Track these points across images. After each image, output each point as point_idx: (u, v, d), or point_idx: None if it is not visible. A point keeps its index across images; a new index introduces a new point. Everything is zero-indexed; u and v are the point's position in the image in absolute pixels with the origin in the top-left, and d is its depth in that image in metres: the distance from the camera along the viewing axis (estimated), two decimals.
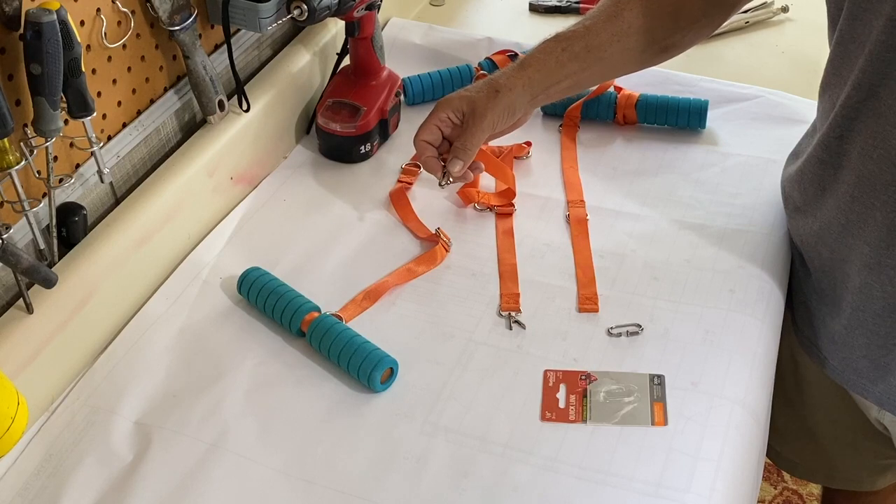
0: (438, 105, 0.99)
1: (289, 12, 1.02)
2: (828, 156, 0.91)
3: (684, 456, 0.82)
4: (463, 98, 0.98)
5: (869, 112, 0.84)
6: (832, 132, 0.89)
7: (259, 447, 0.84)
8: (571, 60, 0.98)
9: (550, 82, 0.99)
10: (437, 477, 0.81)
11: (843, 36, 0.86)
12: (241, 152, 1.09)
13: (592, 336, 0.93)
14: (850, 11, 0.83)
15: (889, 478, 1.16)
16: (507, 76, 0.98)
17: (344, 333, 0.90)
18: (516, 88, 0.98)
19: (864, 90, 0.84)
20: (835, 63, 0.89)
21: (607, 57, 1.00)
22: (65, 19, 0.79)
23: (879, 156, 0.84)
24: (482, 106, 0.97)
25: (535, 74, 0.98)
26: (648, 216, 1.07)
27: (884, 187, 0.85)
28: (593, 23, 0.99)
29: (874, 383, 0.95)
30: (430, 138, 0.99)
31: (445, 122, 0.99)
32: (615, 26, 0.98)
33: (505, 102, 0.97)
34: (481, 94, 0.97)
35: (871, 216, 0.87)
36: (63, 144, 0.89)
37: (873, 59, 0.82)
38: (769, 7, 1.44)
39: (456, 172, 0.98)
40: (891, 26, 0.79)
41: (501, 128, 1.00)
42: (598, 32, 0.98)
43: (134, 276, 0.96)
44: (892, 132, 0.82)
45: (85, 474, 0.82)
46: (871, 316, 0.91)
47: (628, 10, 0.98)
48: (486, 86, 0.98)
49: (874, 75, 0.82)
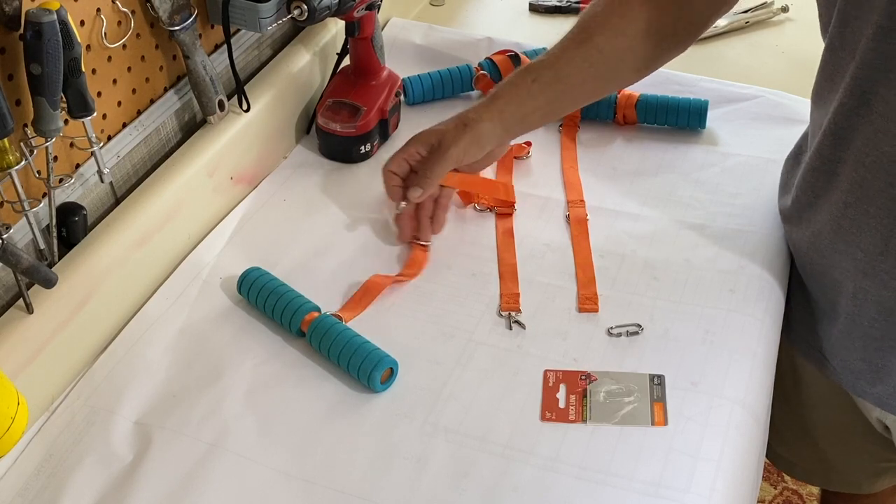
0: (410, 140, 1.01)
1: (289, 12, 1.02)
2: (821, 163, 0.91)
3: (684, 456, 0.82)
4: (433, 132, 1.00)
5: (861, 119, 0.84)
6: (825, 140, 0.89)
7: (259, 447, 0.84)
8: (542, 90, 0.99)
9: (523, 113, 1.00)
10: (437, 477, 0.81)
11: (833, 43, 0.86)
12: (241, 152, 1.09)
13: (592, 336, 0.93)
14: (840, 19, 0.83)
15: (887, 480, 1.15)
16: (476, 110, 1.00)
17: (344, 333, 0.90)
18: (484, 121, 0.98)
19: (856, 97, 0.84)
20: (826, 70, 0.89)
21: (579, 83, 1.00)
22: (65, 19, 0.79)
23: (871, 162, 0.84)
24: (449, 138, 0.98)
25: (506, 107, 0.99)
26: (648, 216, 1.07)
27: (876, 193, 0.85)
28: (562, 51, 0.99)
29: (872, 385, 0.95)
30: (398, 170, 1.01)
31: (413, 156, 1.00)
32: (585, 52, 0.98)
33: (472, 135, 0.98)
34: (450, 126, 0.99)
35: (864, 222, 0.87)
36: (63, 144, 0.89)
37: (864, 67, 0.82)
38: (769, 7, 1.44)
39: (415, 199, 1.00)
40: (880, 33, 0.79)
41: (470, 160, 1.01)
42: (569, 60, 0.98)
43: (134, 276, 0.96)
44: (884, 139, 0.82)
45: (85, 474, 0.82)
46: (867, 320, 0.91)
47: (598, 34, 0.97)
48: (456, 119, 1.00)
49: (865, 82, 0.82)
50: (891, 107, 0.81)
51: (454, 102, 1.25)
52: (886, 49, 0.79)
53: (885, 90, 0.81)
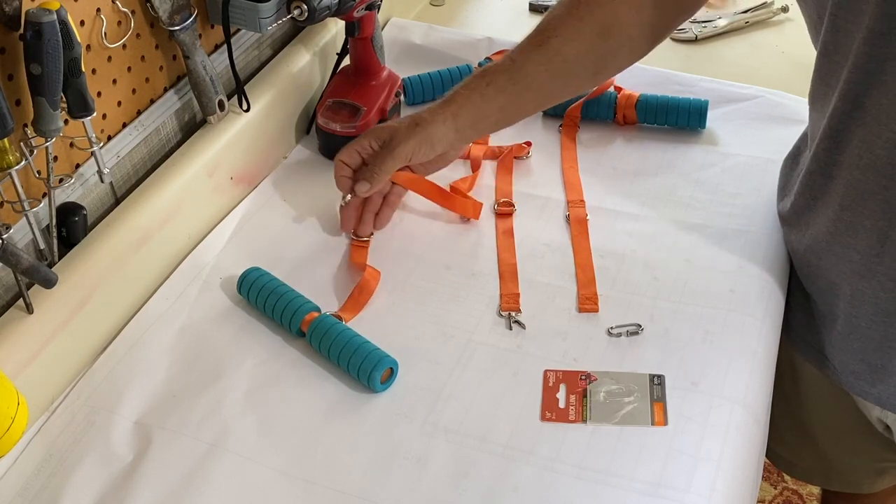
0: (364, 132, 1.02)
1: (289, 12, 1.02)
2: (818, 167, 0.91)
3: (684, 456, 0.82)
4: (385, 128, 1.01)
5: (856, 122, 0.84)
6: (822, 144, 0.89)
7: (259, 447, 0.84)
8: (497, 94, 0.98)
9: (477, 117, 0.99)
10: (437, 477, 0.81)
11: (826, 48, 0.86)
12: (241, 152, 1.09)
13: (592, 336, 0.93)
14: (832, 23, 0.83)
15: (887, 480, 1.15)
16: (431, 111, 0.99)
17: (344, 333, 0.90)
18: (437, 122, 0.98)
19: (850, 101, 0.84)
20: (820, 75, 0.89)
21: (536, 87, 0.99)
22: (65, 19, 0.79)
23: (866, 164, 0.84)
24: (400, 136, 0.98)
25: (459, 110, 0.99)
26: (648, 216, 1.07)
27: (871, 195, 0.85)
28: (519, 54, 0.98)
29: (872, 385, 0.95)
30: (349, 161, 1.01)
31: (366, 149, 1.00)
32: (542, 55, 0.97)
33: (423, 135, 0.98)
34: (402, 125, 0.99)
35: (860, 224, 0.87)
36: (63, 144, 0.89)
37: (857, 71, 0.82)
38: (769, 7, 1.44)
39: (362, 193, 1.00)
40: (872, 37, 0.79)
41: (421, 159, 1.00)
42: (524, 63, 0.98)
43: (134, 276, 0.96)
44: (877, 141, 0.82)
45: (85, 474, 0.82)
46: (865, 321, 0.91)
47: (555, 37, 0.97)
48: (410, 118, 1.00)
49: (859, 86, 0.82)
50: (883, 110, 0.81)
51: None
52: (878, 53, 0.79)
53: (878, 93, 0.81)
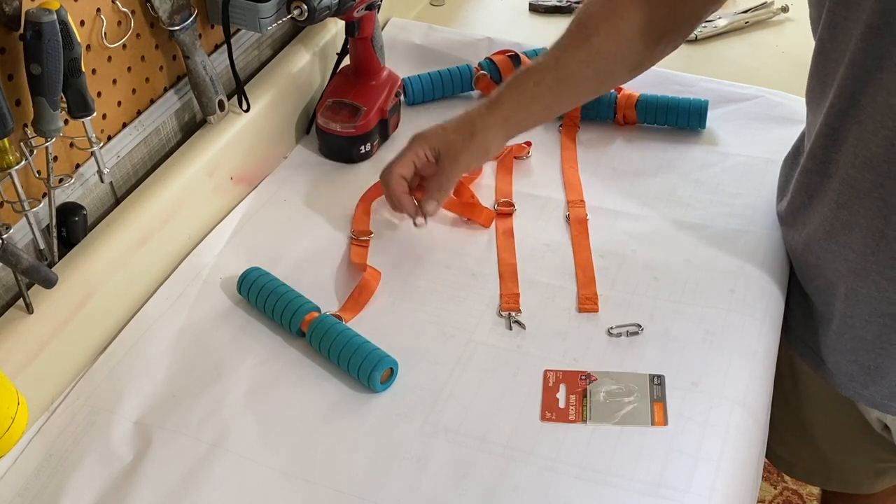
0: (415, 140, 0.98)
1: (289, 12, 1.02)
2: (814, 165, 0.91)
3: (684, 456, 0.82)
4: (439, 136, 0.98)
5: (851, 120, 0.84)
6: (818, 142, 0.89)
7: (259, 447, 0.84)
8: (544, 93, 0.98)
9: (524, 117, 1.00)
10: (437, 477, 0.81)
11: (823, 45, 0.86)
12: (241, 152, 1.09)
13: (592, 336, 0.93)
14: (829, 20, 0.83)
15: (887, 481, 1.15)
16: (482, 116, 0.98)
17: (344, 333, 0.90)
18: (491, 129, 0.98)
19: (846, 98, 0.84)
20: (817, 73, 0.89)
21: (580, 83, 1.00)
22: (65, 19, 0.79)
23: (861, 163, 0.84)
24: (457, 148, 0.97)
25: (510, 113, 0.98)
26: (648, 216, 1.07)
27: (866, 193, 0.85)
28: (562, 52, 0.98)
29: (865, 386, 0.95)
30: (407, 173, 0.98)
31: (421, 159, 0.98)
32: (584, 53, 0.97)
33: (480, 144, 0.98)
34: (458, 135, 0.97)
35: (855, 223, 0.87)
36: (63, 144, 0.89)
37: (854, 67, 0.82)
38: (769, 7, 1.44)
39: (431, 212, 0.98)
40: (869, 33, 0.79)
41: (475, 168, 1.02)
42: (568, 62, 0.98)
43: (134, 276, 0.96)
44: (873, 139, 0.82)
45: (85, 474, 0.82)
46: (859, 321, 0.91)
47: (595, 35, 0.97)
48: (463, 126, 0.98)
49: (855, 83, 0.82)
50: (879, 107, 0.81)
51: (454, 102, 1.26)
52: (875, 48, 0.79)
53: (874, 90, 0.81)
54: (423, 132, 0.99)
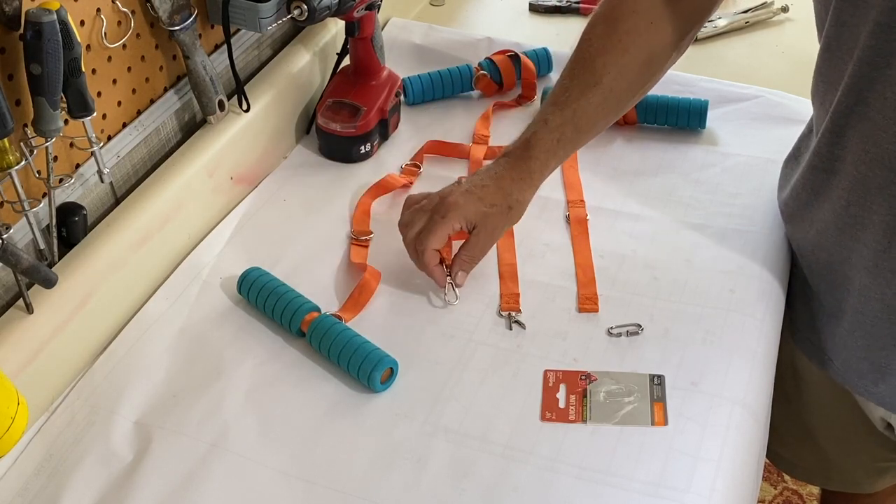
0: (450, 210, 0.94)
1: (289, 12, 1.02)
2: (820, 162, 0.91)
3: (684, 456, 0.82)
4: (476, 210, 0.94)
5: (859, 117, 0.84)
6: (824, 139, 0.89)
7: (259, 447, 0.84)
8: (566, 146, 0.98)
9: (550, 171, 0.99)
10: (437, 477, 0.81)
11: (830, 43, 0.86)
12: (241, 152, 1.09)
13: (592, 336, 0.93)
14: (837, 18, 0.83)
15: (888, 480, 1.15)
16: (518, 187, 0.96)
17: (344, 333, 0.90)
18: (527, 201, 0.97)
19: (853, 95, 0.84)
20: (823, 70, 0.89)
21: (596, 124, 1.00)
22: (65, 19, 0.79)
23: (871, 159, 0.84)
24: (494, 223, 0.96)
25: (540, 178, 0.98)
26: (648, 216, 1.07)
27: (878, 190, 0.85)
28: (577, 101, 0.96)
29: (875, 384, 0.95)
30: (441, 246, 0.95)
31: (456, 231, 0.95)
32: (599, 97, 0.96)
33: (516, 216, 0.97)
34: (495, 208, 0.95)
35: (867, 219, 0.87)
36: (63, 144, 0.89)
37: (862, 65, 0.82)
38: (769, 7, 1.44)
39: (461, 283, 0.96)
40: (878, 31, 0.79)
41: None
42: (585, 110, 0.97)
43: (134, 276, 0.96)
44: (882, 136, 0.82)
45: (85, 474, 0.82)
46: (871, 318, 0.91)
47: (606, 75, 0.96)
48: (499, 198, 0.95)
49: (863, 80, 0.82)
50: (888, 103, 0.81)
51: (454, 102, 1.26)
52: (885, 46, 0.79)
53: (882, 87, 0.81)
54: (453, 200, 0.94)
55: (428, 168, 1.15)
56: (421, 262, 0.96)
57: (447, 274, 0.96)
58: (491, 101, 1.25)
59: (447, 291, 0.97)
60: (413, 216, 0.97)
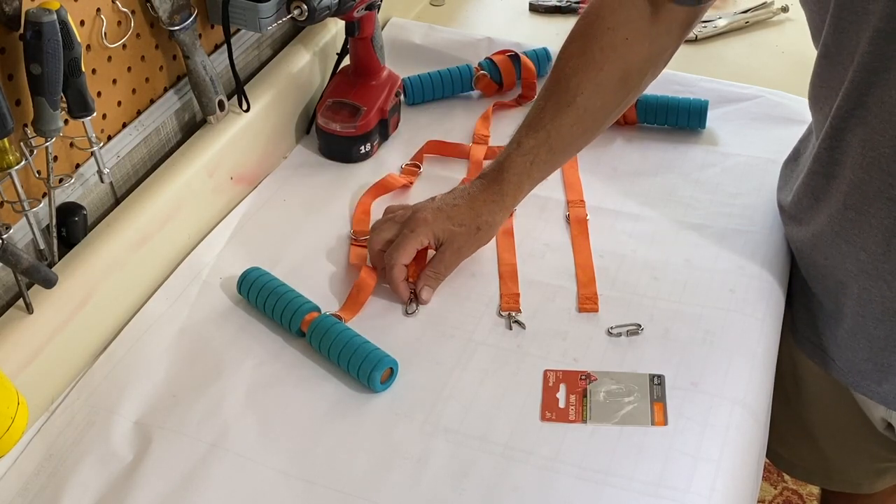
0: (418, 226, 0.95)
1: (289, 12, 1.02)
2: (819, 166, 0.91)
3: (684, 456, 0.82)
4: (444, 227, 0.96)
5: (857, 121, 0.84)
6: (824, 143, 0.89)
7: (259, 447, 0.84)
8: (540, 168, 0.98)
9: (524, 194, 1.00)
10: (437, 477, 0.81)
11: (828, 49, 0.86)
12: (241, 152, 1.09)
13: (592, 336, 0.93)
14: (836, 25, 0.83)
15: (888, 480, 1.15)
16: (488, 209, 0.97)
17: (344, 333, 0.90)
18: (497, 223, 0.98)
19: (852, 100, 0.84)
20: (822, 76, 0.89)
21: (571, 144, 1.00)
22: (65, 19, 0.79)
23: (870, 164, 0.84)
24: (461, 241, 0.96)
25: (512, 201, 0.98)
26: (648, 216, 1.07)
27: (876, 195, 0.85)
28: (551, 123, 0.96)
29: (879, 384, 0.95)
30: (408, 261, 0.96)
31: (423, 245, 0.96)
32: (572, 117, 0.96)
33: (485, 237, 0.98)
34: (463, 228, 0.96)
35: (865, 223, 0.87)
36: (63, 144, 0.89)
37: (861, 70, 0.82)
38: (769, 7, 1.44)
39: (425, 300, 0.97)
40: (878, 37, 0.79)
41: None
42: (559, 130, 0.97)
43: (134, 276, 0.96)
44: (881, 140, 0.82)
45: (85, 474, 0.82)
46: (872, 321, 0.91)
47: (580, 94, 0.96)
48: (469, 218, 0.96)
49: (862, 85, 0.82)
50: (887, 108, 0.81)
51: (454, 102, 1.26)
52: (884, 51, 0.79)
53: (882, 91, 0.81)
54: (422, 217, 0.96)
55: (428, 168, 1.15)
56: (388, 276, 0.96)
57: (411, 290, 0.97)
58: (491, 101, 1.25)
59: (408, 304, 0.97)
60: (383, 224, 0.99)
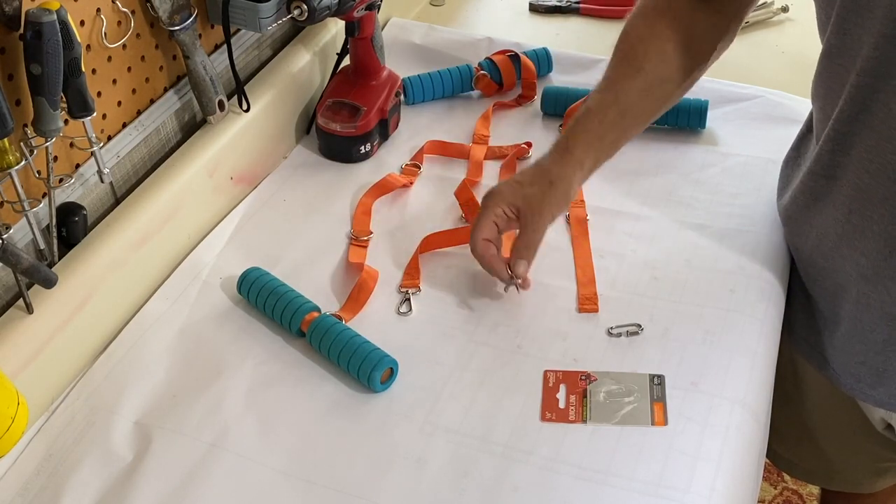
0: (491, 199, 0.94)
1: (289, 12, 1.02)
2: (821, 168, 0.91)
3: (684, 456, 0.82)
4: (516, 193, 0.94)
5: (862, 126, 0.84)
6: (826, 146, 0.89)
7: (259, 447, 0.84)
8: (609, 130, 0.96)
9: (598, 158, 0.97)
10: (437, 477, 0.81)
11: (831, 50, 0.85)
12: (241, 152, 1.09)
13: (592, 336, 0.93)
14: (838, 26, 0.83)
15: (888, 480, 1.15)
16: (559, 164, 0.95)
17: (344, 333, 0.90)
18: (569, 177, 0.95)
19: (857, 104, 0.84)
20: (824, 76, 0.89)
21: (641, 112, 0.99)
22: (65, 19, 0.79)
23: (876, 169, 0.84)
24: (539, 201, 0.94)
25: (583, 155, 0.96)
26: (648, 216, 1.07)
27: (881, 200, 0.85)
28: (619, 85, 0.96)
29: (873, 388, 0.95)
30: (491, 235, 0.94)
31: (501, 217, 0.94)
32: (641, 83, 0.96)
33: (562, 193, 0.95)
34: (535, 188, 0.93)
35: (868, 228, 0.87)
36: (63, 144, 0.89)
37: (865, 74, 0.81)
38: (769, 7, 1.44)
39: (522, 273, 0.94)
40: (883, 42, 0.78)
41: (557, 217, 0.97)
42: (628, 94, 0.96)
43: (134, 276, 0.96)
44: (887, 146, 0.82)
45: (85, 474, 0.82)
46: (869, 325, 0.91)
47: (647, 62, 0.96)
48: (539, 177, 0.94)
49: (866, 89, 0.82)
50: (893, 114, 0.80)
51: (454, 102, 1.26)
52: (889, 57, 0.78)
53: (887, 97, 0.80)
54: (495, 189, 0.95)
55: (428, 168, 1.15)
56: (479, 259, 0.95)
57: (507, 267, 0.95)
58: (491, 101, 1.25)
59: (507, 284, 0.96)
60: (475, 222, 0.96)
